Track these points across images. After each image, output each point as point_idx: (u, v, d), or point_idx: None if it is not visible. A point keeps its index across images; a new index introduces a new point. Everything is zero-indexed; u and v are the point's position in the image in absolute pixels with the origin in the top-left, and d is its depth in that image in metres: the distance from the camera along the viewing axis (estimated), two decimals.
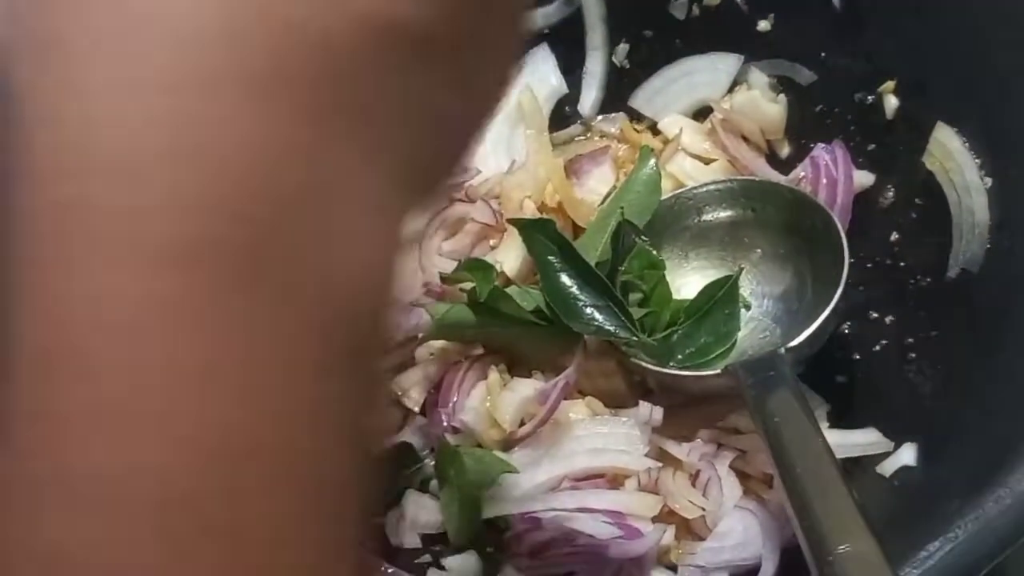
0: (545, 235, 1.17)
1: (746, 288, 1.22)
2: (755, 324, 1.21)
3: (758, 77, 1.36)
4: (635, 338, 1.16)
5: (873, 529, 0.90)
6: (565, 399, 1.16)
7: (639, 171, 1.27)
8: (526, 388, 1.16)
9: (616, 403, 1.20)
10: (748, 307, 1.22)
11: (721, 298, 1.19)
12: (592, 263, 1.19)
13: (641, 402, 1.16)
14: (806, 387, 1.20)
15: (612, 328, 1.16)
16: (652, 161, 1.27)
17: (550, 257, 1.17)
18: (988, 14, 1.13)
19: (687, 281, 1.25)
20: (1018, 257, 1.11)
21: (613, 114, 1.43)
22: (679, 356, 1.18)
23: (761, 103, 1.34)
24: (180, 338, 0.43)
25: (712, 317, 1.19)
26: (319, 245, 0.45)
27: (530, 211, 1.27)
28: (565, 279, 1.17)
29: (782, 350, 1.12)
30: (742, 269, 1.21)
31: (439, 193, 0.58)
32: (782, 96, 1.34)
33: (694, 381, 1.17)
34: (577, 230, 1.29)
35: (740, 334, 1.20)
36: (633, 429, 1.16)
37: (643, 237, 1.21)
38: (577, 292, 1.17)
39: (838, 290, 1.13)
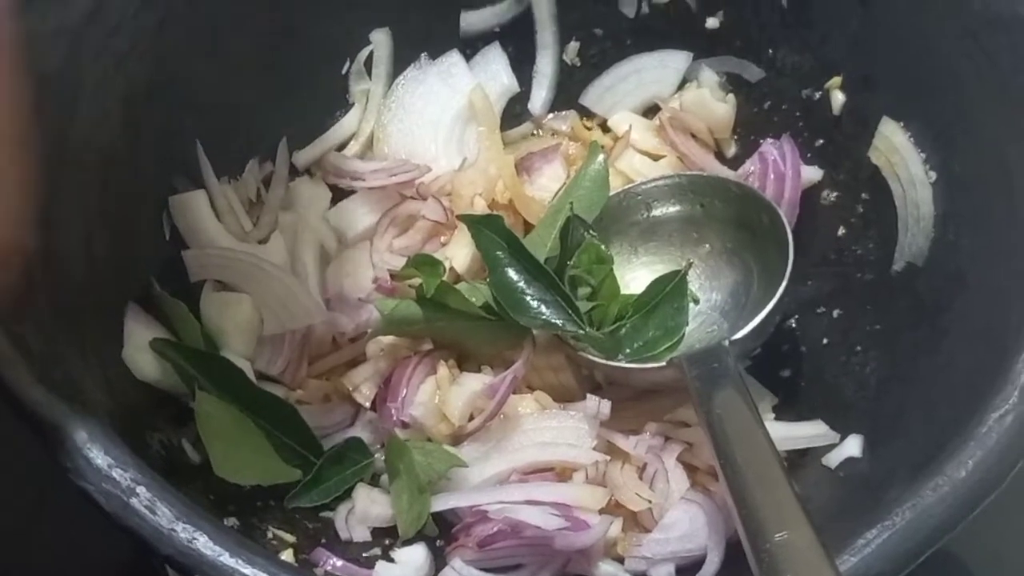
0: (493, 230, 1.18)
1: (694, 283, 1.23)
2: (703, 318, 1.22)
3: (708, 76, 1.36)
4: (582, 332, 1.17)
5: (810, 518, 0.91)
6: (514, 393, 1.18)
7: (588, 167, 1.27)
8: (475, 383, 1.17)
9: (565, 398, 1.20)
10: (696, 301, 1.23)
11: (669, 293, 1.20)
12: (542, 259, 1.20)
13: (589, 396, 1.17)
14: (754, 380, 1.21)
15: (559, 322, 1.17)
16: (601, 157, 1.28)
17: (498, 253, 1.18)
18: (932, 10, 1.14)
19: (636, 276, 1.26)
20: (962, 250, 1.12)
21: (564, 112, 1.43)
22: (627, 350, 1.19)
23: (710, 102, 1.35)
24: None
25: (660, 311, 1.20)
26: None
27: (481, 208, 1.28)
28: (512, 274, 1.18)
29: (726, 343, 1.12)
30: (691, 264, 1.22)
31: None
32: (731, 96, 1.35)
33: (641, 374, 1.17)
34: (528, 227, 1.29)
35: (688, 328, 1.21)
36: (581, 423, 1.16)
37: (592, 232, 1.21)
38: (525, 287, 1.18)
39: (782, 284, 1.14)
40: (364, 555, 1.11)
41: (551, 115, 1.43)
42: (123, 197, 1.15)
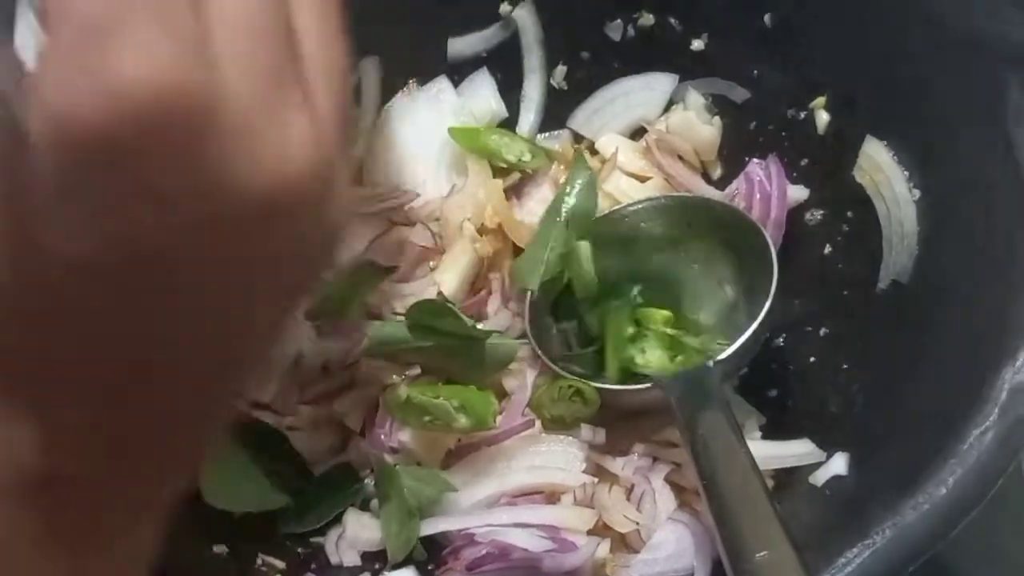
0: None
1: (680, 303, 1.24)
2: None
3: (695, 98, 1.37)
4: (568, 352, 1.18)
5: (791, 537, 0.92)
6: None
7: (575, 177, 1.29)
8: None
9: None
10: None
11: (650, 303, 1.24)
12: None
13: (583, 425, 1.18)
14: (741, 400, 1.22)
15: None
16: (587, 168, 1.31)
17: None
18: (914, 29, 1.14)
19: (626, 295, 1.26)
20: (946, 268, 1.12)
21: (557, 131, 1.45)
22: (612, 371, 1.20)
23: (696, 124, 1.36)
24: None
25: None
26: None
27: (469, 233, 1.29)
28: None
29: (710, 363, 1.13)
30: (672, 274, 1.24)
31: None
32: (717, 118, 1.36)
33: (629, 395, 1.18)
34: (518, 251, 1.30)
35: None
36: (571, 447, 1.18)
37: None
38: None
39: (767, 303, 1.14)
40: None
41: (546, 135, 1.44)
42: None
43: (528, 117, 1.43)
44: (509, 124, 1.43)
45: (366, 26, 1.31)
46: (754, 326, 1.14)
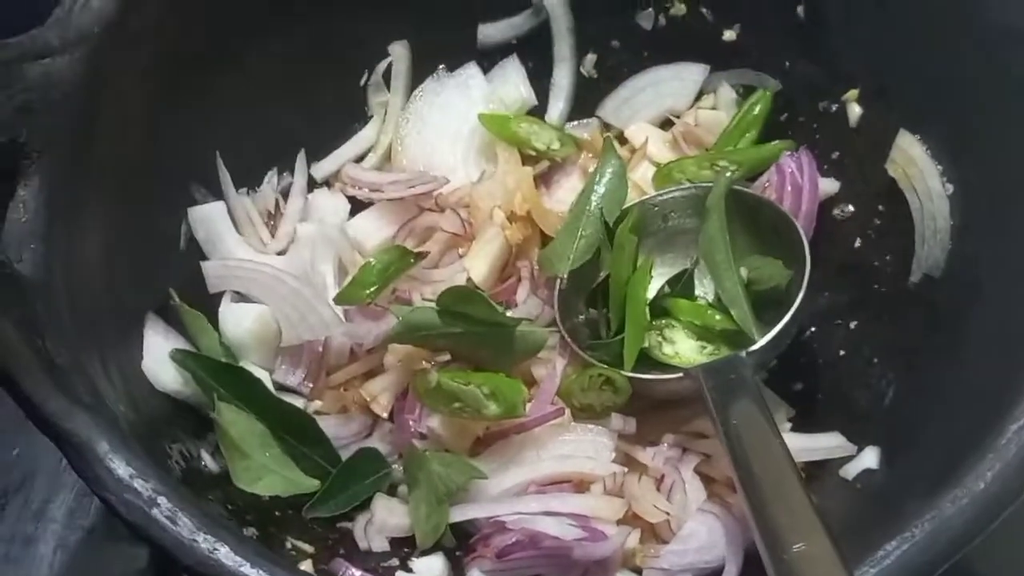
0: None
1: (711, 293, 1.23)
2: None
3: (726, 92, 1.37)
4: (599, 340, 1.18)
5: (828, 529, 0.91)
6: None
7: (604, 166, 1.28)
8: None
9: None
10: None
11: (677, 292, 1.23)
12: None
13: (614, 414, 1.18)
14: (770, 392, 1.21)
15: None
16: (616, 156, 1.29)
17: None
18: (950, 23, 1.14)
19: (652, 287, 1.26)
20: (979, 262, 1.12)
21: (586, 120, 1.44)
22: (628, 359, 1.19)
23: (724, 121, 1.36)
24: None
25: None
26: None
27: (499, 220, 1.28)
28: None
29: (743, 353, 1.13)
30: (697, 261, 1.23)
31: None
32: None
33: (658, 385, 1.17)
34: (546, 239, 1.29)
35: None
36: (601, 436, 1.17)
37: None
38: None
39: (799, 294, 1.14)
40: (382, 565, 1.11)
41: (575, 123, 1.44)
42: (143, 207, 1.17)
43: (557, 105, 1.43)
44: (538, 112, 1.43)
45: (396, 10, 1.34)
46: (787, 317, 1.13)
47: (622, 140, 1.40)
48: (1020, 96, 1.08)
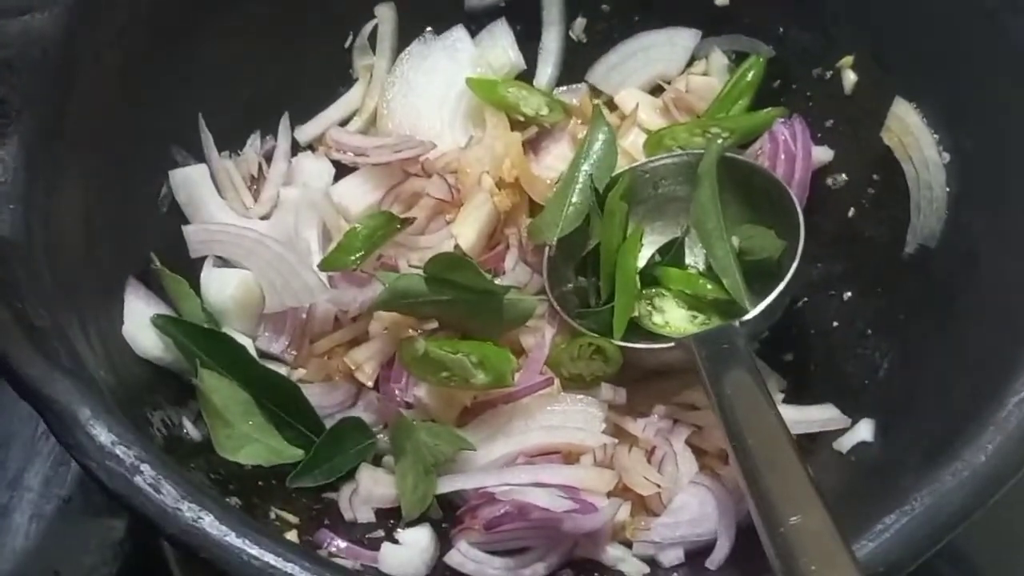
0: None
1: (702, 261, 1.22)
2: None
3: (718, 58, 1.35)
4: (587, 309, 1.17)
5: (825, 502, 0.90)
6: None
7: (594, 133, 1.27)
8: None
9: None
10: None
11: (668, 261, 1.21)
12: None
13: (604, 384, 1.16)
14: (762, 363, 1.20)
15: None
16: (605, 123, 1.28)
17: None
18: None
19: (643, 256, 1.24)
20: (976, 232, 1.11)
21: (576, 85, 1.42)
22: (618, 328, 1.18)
23: (716, 87, 1.34)
24: None
25: None
26: None
27: (488, 186, 1.26)
28: None
29: (736, 323, 1.11)
30: (688, 229, 1.21)
31: None
32: None
33: (649, 354, 1.16)
34: (534, 206, 1.28)
35: None
36: (590, 407, 1.15)
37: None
38: None
39: (793, 264, 1.12)
40: (368, 536, 1.10)
41: (562, 89, 1.42)
42: (123, 169, 1.15)
43: (546, 70, 1.41)
44: (526, 77, 1.41)
45: None
46: (781, 286, 1.12)
47: (612, 106, 1.38)
48: (1018, 64, 1.07)
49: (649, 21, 1.38)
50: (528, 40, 1.40)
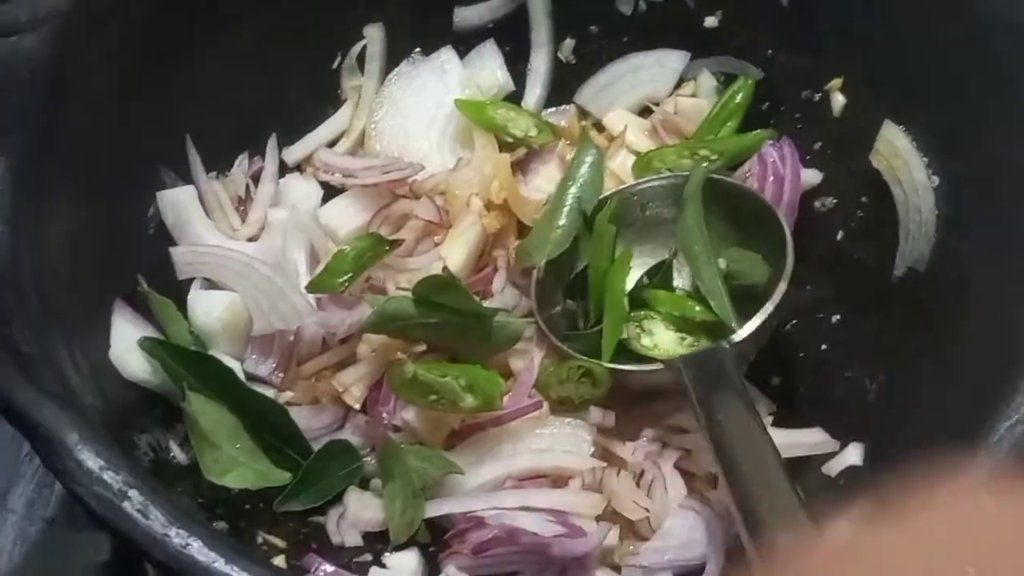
0: None
1: (691, 284, 1.21)
2: None
3: (706, 79, 1.35)
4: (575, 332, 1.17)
5: (816, 526, 0.90)
6: None
7: (581, 156, 1.27)
8: None
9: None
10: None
11: (656, 284, 1.21)
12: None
13: (592, 407, 1.15)
14: (751, 386, 1.19)
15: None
16: (592, 147, 1.28)
17: None
18: (936, 12, 1.12)
19: (631, 278, 1.23)
20: (965, 255, 1.11)
21: (564, 106, 1.42)
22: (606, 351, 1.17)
23: (704, 109, 1.34)
24: None
25: None
26: None
27: (477, 208, 1.26)
28: None
29: (725, 344, 1.11)
30: (676, 251, 1.21)
31: None
32: None
33: (637, 377, 1.15)
34: (522, 227, 1.27)
35: None
36: (579, 430, 1.15)
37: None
38: None
39: (782, 286, 1.12)
40: (355, 560, 1.10)
41: (551, 110, 1.42)
42: (111, 190, 1.14)
43: (534, 91, 1.41)
44: (515, 98, 1.41)
45: None
46: (770, 308, 1.12)
47: (600, 128, 1.38)
48: (1008, 87, 1.07)
49: (638, 43, 1.38)
50: (517, 61, 1.40)
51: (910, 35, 1.16)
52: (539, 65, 1.40)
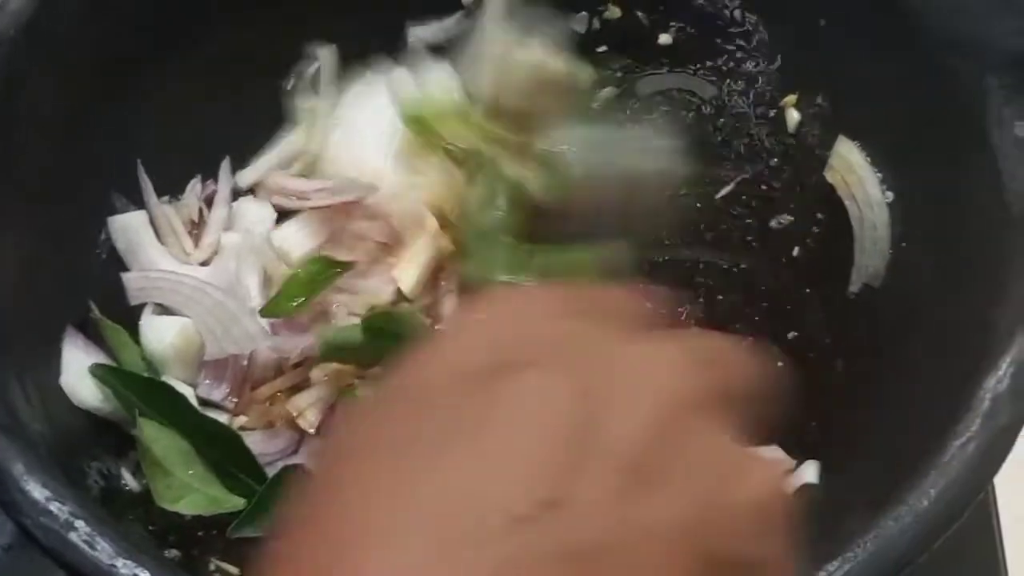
0: None
1: None
2: None
3: None
4: None
5: None
6: None
7: None
8: None
9: None
10: None
11: None
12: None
13: None
14: None
15: None
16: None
17: None
18: (891, 28, 1.13)
19: None
20: (920, 272, 1.11)
21: None
22: None
23: None
24: None
25: None
26: None
27: (432, 228, 1.25)
28: None
29: None
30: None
31: None
32: None
33: None
34: None
35: None
36: None
37: None
38: None
39: None
40: None
41: None
42: (61, 216, 1.14)
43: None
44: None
45: (322, 10, 1.31)
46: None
47: None
48: (963, 106, 1.07)
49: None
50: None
51: (865, 52, 1.16)
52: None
